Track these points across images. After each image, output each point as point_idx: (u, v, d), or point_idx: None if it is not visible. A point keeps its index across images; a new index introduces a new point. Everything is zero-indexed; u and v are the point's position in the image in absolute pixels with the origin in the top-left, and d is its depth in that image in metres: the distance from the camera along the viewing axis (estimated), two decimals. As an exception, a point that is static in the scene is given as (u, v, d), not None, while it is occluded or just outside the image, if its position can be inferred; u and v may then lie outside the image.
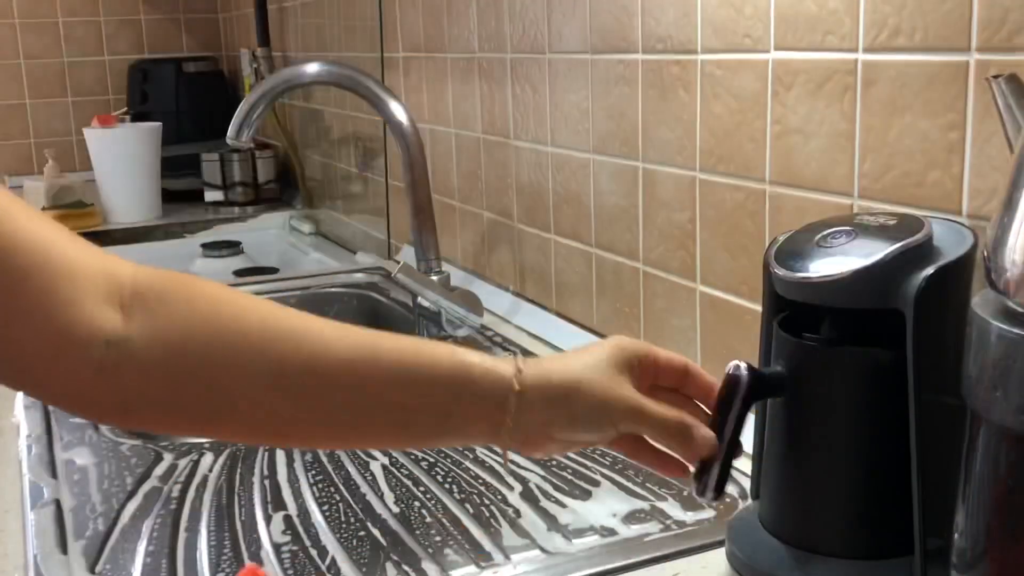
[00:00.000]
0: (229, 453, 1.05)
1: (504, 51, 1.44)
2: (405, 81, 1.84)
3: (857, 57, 0.85)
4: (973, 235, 0.70)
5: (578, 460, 0.99)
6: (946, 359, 0.64)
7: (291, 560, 0.83)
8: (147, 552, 0.85)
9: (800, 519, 0.74)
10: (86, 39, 3.16)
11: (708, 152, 1.05)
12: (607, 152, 1.23)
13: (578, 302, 1.34)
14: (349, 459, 1.02)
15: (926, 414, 0.66)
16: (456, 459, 1.01)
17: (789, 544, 0.74)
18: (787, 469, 0.75)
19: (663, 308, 1.16)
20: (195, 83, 2.95)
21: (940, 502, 0.65)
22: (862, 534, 0.72)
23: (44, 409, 1.20)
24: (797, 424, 0.73)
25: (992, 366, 0.56)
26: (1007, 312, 0.56)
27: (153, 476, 1.00)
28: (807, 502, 0.74)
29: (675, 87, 1.08)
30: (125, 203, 2.54)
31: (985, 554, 0.60)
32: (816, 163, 0.91)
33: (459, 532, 0.86)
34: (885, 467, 0.71)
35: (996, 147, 0.74)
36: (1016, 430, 0.55)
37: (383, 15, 1.90)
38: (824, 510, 0.74)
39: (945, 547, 0.64)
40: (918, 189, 0.81)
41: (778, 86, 0.94)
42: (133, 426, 0.94)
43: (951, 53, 0.77)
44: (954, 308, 0.65)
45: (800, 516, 0.74)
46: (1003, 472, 0.57)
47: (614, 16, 1.17)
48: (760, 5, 0.95)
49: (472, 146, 1.59)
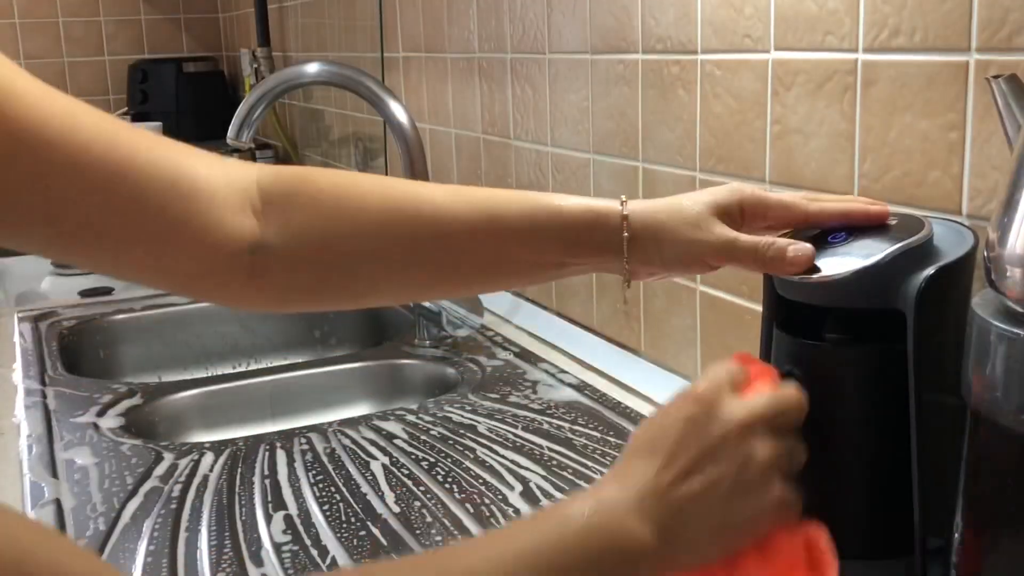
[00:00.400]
0: (229, 453, 1.05)
1: (504, 51, 1.44)
2: (405, 81, 1.84)
3: (857, 57, 0.85)
4: (973, 235, 0.70)
5: (578, 460, 0.99)
6: (946, 359, 0.64)
7: (291, 560, 0.83)
8: (147, 552, 0.85)
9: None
10: (86, 39, 3.16)
11: (708, 152, 1.05)
12: (607, 152, 1.23)
13: (578, 302, 1.34)
14: (349, 459, 1.02)
15: (926, 414, 0.66)
16: (456, 459, 1.01)
17: (789, 544, 0.74)
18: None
19: (663, 308, 1.16)
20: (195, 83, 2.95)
21: (940, 502, 0.65)
22: (862, 534, 0.72)
23: (44, 409, 1.20)
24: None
25: (992, 366, 0.56)
26: (1007, 312, 0.56)
27: (153, 476, 1.00)
28: (807, 502, 0.74)
29: (675, 87, 1.08)
30: (125, 203, 2.53)
31: (985, 554, 0.60)
32: (816, 163, 0.91)
33: (460, 532, 0.87)
34: (885, 467, 0.71)
35: (996, 147, 0.74)
36: (1016, 430, 0.55)
37: (383, 15, 1.90)
38: (824, 510, 0.74)
39: (945, 547, 0.64)
40: (918, 189, 0.81)
41: (778, 86, 0.94)
42: (292, 311, 1.04)
43: (951, 53, 0.77)
44: (954, 308, 0.65)
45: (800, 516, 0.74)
46: (1003, 472, 0.57)
47: (614, 16, 1.17)
48: (760, 5, 0.95)
49: (472, 146, 1.59)
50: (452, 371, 1.31)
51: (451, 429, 1.09)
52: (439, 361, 1.34)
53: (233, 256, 0.67)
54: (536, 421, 1.10)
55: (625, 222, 0.70)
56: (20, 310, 1.64)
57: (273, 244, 0.68)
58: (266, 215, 0.68)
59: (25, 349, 1.44)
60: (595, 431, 1.06)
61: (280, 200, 0.69)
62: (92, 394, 1.25)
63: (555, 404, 1.14)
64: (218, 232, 0.66)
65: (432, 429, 1.09)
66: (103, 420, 1.16)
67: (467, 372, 1.28)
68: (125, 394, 1.25)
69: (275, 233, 0.68)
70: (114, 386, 1.29)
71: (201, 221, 0.65)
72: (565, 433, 1.06)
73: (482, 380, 1.24)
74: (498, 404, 1.15)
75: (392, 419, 1.13)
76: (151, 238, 0.64)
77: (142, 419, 1.21)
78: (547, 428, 1.07)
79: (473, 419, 1.11)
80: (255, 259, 0.67)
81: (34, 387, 1.29)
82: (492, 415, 1.12)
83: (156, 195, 0.63)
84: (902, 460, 0.68)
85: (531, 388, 1.20)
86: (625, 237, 0.70)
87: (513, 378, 1.24)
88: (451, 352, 1.35)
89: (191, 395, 1.29)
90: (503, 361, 1.30)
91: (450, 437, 1.07)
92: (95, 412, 1.18)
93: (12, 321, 1.58)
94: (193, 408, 1.28)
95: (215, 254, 0.66)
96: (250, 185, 0.68)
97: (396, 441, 1.06)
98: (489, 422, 1.10)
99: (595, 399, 1.15)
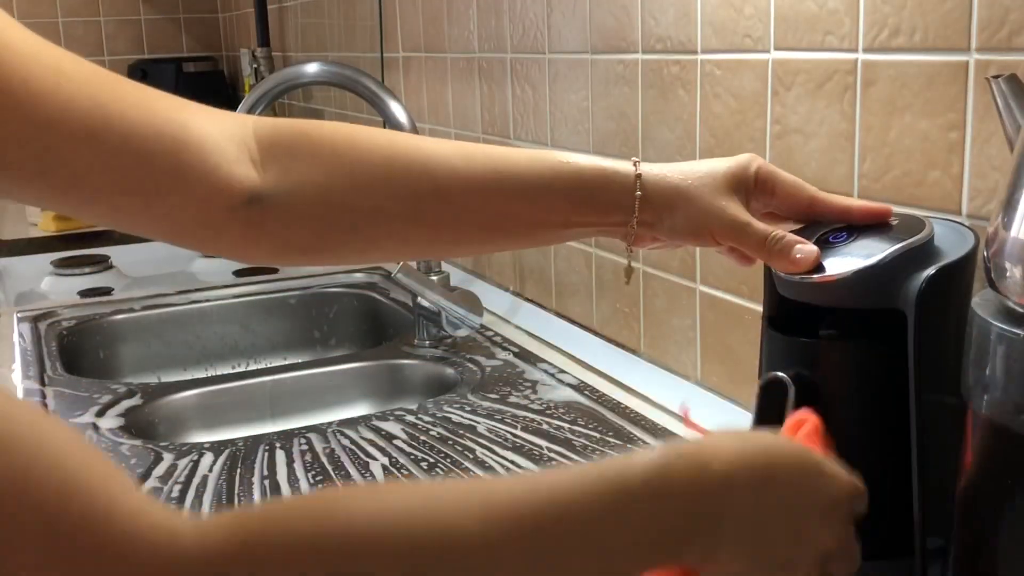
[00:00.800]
0: (229, 453, 1.05)
1: (504, 51, 1.44)
2: (405, 81, 1.84)
3: (857, 57, 0.85)
4: (974, 235, 0.70)
5: (578, 460, 0.99)
6: (946, 359, 0.64)
7: (291, 560, 0.83)
8: (147, 552, 0.85)
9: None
10: (86, 39, 3.16)
11: (708, 152, 1.04)
12: (607, 152, 1.23)
13: (578, 302, 1.34)
14: (349, 459, 1.02)
15: (926, 414, 0.66)
16: (455, 459, 1.01)
17: (789, 544, 0.74)
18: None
19: (663, 308, 1.16)
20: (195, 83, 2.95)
21: (940, 502, 0.65)
22: (862, 534, 0.72)
23: (44, 409, 1.20)
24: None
25: (992, 366, 0.56)
26: (1007, 312, 0.56)
27: (153, 476, 1.00)
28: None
29: (675, 87, 1.08)
30: (125, 203, 2.53)
31: (985, 554, 0.60)
32: (816, 163, 0.91)
33: (459, 532, 0.86)
34: (885, 467, 0.71)
35: (996, 147, 0.74)
36: (1016, 430, 0.55)
37: (383, 15, 1.90)
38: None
39: (945, 547, 0.64)
40: (918, 189, 0.81)
41: (778, 86, 0.94)
42: (289, 265, 1.02)
43: (951, 53, 0.77)
44: (955, 308, 0.65)
45: None
46: (1002, 472, 0.57)
47: (614, 16, 1.17)
48: (760, 5, 0.95)
49: (472, 146, 1.59)
50: (452, 371, 1.31)
51: (450, 429, 1.09)
52: (439, 361, 1.34)
53: (230, 206, 0.66)
54: (535, 421, 1.09)
55: (638, 181, 0.69)
56: (20, 310, 1.64)
57: (271, 195, 0.67)
58: (264, 165, 0.67)
59: (24, 349, 1.44)
60: (594, 431, 1.06)
61: (279, 151, 0.68)
62: (91, 394, 1.25)
63: (555, 404, 1.14)
64: (214, 181, 0.65)
65: (432, 429, 1.09)
66: (103, 420, 1.16)
67: (466, 372, 1.28)
68: (125, 394, 1.25)
69: (273, 184, 0.67)
70: (113, 386, 1.28)
71: (196, 171, 0.64)
72: (564, 433, 1.06)
73: (482, 380, 1.24)
74: (497, 404, 1.15)
75: (392, 419, 1.13)
76: (144, 189, 0.64)
77: (142, 419, 1.21)
78: (546, 428, 1.07)
79: (472, 419, 1.11)
80: (252, 210, 0.66)
81: (33, 387, 1.29)
82: (491, 415, 1.12)
83: (146, 146, 0.62)
84: (902, 460, 0.68)
85: (531, 388, 1.20)
86: (638, 196, 0.69)
87: (513, 378, 1.24)
88: (451, 352, 1.35)
89: (191, 395, 1.29)
90: (502, 361, 1.30)
91: (449, 437, 1.07)
92: (94, 412, 1.18)
93: (12, 321, 1.58)
94: (193, 408, 1.28)
95: (210, 203, 0.65)
96: (247, 135, 0.68)
97: (396, 441, 1.06)
98: (488, 422, 1.10)
99: (594, 399, 1.15)
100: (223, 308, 1.68)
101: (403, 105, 1.41)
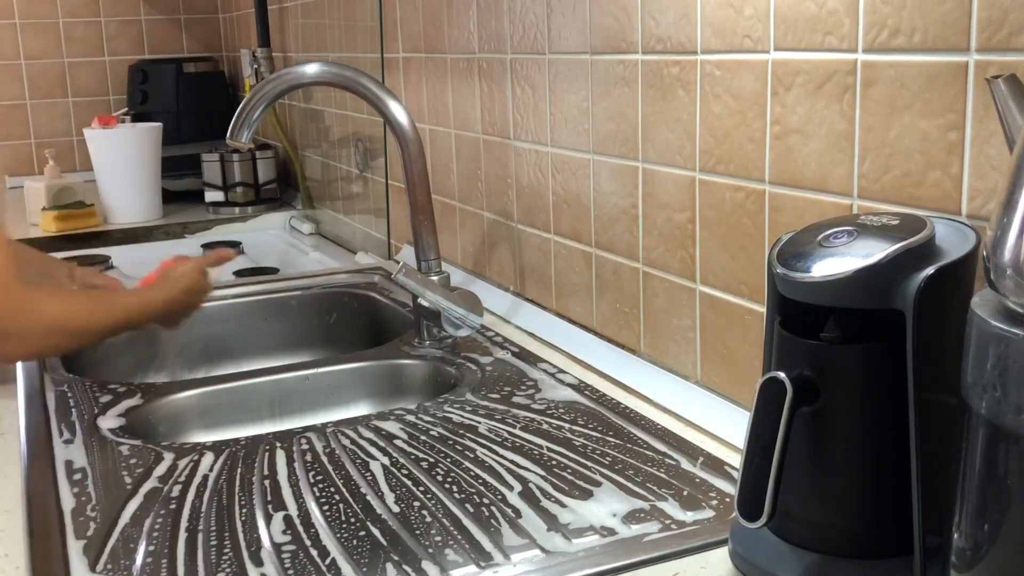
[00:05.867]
0: (229, 453, 1.05)
1: (504, 51, 1.44)
2: (405, 81, 1.84)
3: (856, 57, 0.85)
4: (976, 235, 0.70)
5: (578, 460, 0.99)
6: (946, 359, 0.65)
7: (291, 560, 0.83)
8: (147, 552, 0.85)
9: (801, 518, 0.74)
10: (86, 39, 3.16)
11: (708, 152, 1.05)
12: (607, 152, 1.23)
13: (578, 302, 1.34)
14: (349, 459, 1.02)
15: (926, 414, 0.66)
16: (456, 459, 1.01)
17: (791, 543, 0.74)
18: (788, 468, 0.75)
19: (663, 308, 1.16)
20: (195, 83, 2.95)
21: (940, 501, 0.65)
22: (862, 533, 0.72)
23: (44, 409, 1.20)
24: (798, 424, 0.73)
25: (992, 366, 0.56)
26: (1007, 312, 0.56)
27: (153, 476, 1.00)
28: (808, 501, 0.74)
29: (675, 87, 1.09)
30: (125, 203, 2.54)
31: (984, 553, 0.60)
32: (815, 163, 0.91)
33: (459, 532, 0.86)
34: (885, 466, 0.71)
35: (996, 147, 0.74)
36: (1015, 430, 0.55)
37: (383, 15, 1.90)
38: (825, 509, 0.74)
39: (945, 546, 0.64)
40: (917, 189, 0.81)
41: (778, 86, 0.94)
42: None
43: (951, 53, 0.77)
44: (955, 308, 0.65)
45: (801, 515, 0.74)
46: (1002, 472, 0.57)
47: (614, 16, 1.17)
48: (760, 5, 0.95)
49: (472, 146, 1.59)
50: (452, 371, 1.31)
51: (450, 429, 1.09)
52: (439, 361, 1.34)
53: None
54: (536, 421, 1.10)
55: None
56: (20, 310, 1.64)
57: None
58: None
59: (25, 349, 1.44)
60: (594, 431, 1.06)
61: None
62: (91, 394, 1.25)
63: (555, 404, 1.14)
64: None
65: (432, 429, 1.09)
66: (103, 420, 1.16)
67: (467, 372, 1.28)
68: (125, 394, 1.25)
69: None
70: (113, 386, 1.29)
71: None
72: (564, 433, 1.06)
73: (482, 380, 1.24)
74: (497, 404, 1.15)
75: (392, 419, 1.13)
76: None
77: (142, 419, 1.21)
78: (546, 428, 1.07)
79: (473, 419, 1.11)
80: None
81: (34, 387, 1.29)
82: (492, 415, 1.12)
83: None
84: (902, 459, 0.68)
85: (531, 388, 1.20)
86: None
87: (513, 378, 1.24)
88: (451, 352, 1.35)
89: (191, 395, 1.29)
90: (503, 361, 1.30)
91: (449, 437, 1.07)
92: (94, 412, 1.18)
93: (12, 321, 1.58)
94: (193, 408, 1.28)
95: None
96: None
97: (396, 441, 1.06)
98: (489, 422, 1.10)
99: (594, 399, 1.15)
100: (223, 308, 1.68)
101: (403, 105, 1.41)
